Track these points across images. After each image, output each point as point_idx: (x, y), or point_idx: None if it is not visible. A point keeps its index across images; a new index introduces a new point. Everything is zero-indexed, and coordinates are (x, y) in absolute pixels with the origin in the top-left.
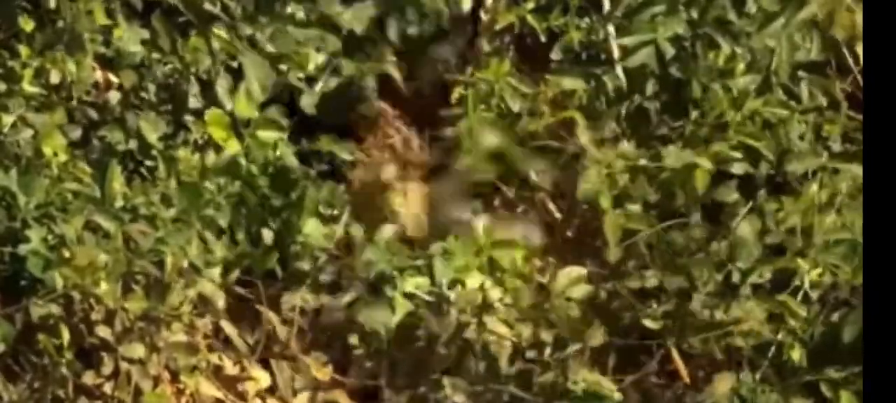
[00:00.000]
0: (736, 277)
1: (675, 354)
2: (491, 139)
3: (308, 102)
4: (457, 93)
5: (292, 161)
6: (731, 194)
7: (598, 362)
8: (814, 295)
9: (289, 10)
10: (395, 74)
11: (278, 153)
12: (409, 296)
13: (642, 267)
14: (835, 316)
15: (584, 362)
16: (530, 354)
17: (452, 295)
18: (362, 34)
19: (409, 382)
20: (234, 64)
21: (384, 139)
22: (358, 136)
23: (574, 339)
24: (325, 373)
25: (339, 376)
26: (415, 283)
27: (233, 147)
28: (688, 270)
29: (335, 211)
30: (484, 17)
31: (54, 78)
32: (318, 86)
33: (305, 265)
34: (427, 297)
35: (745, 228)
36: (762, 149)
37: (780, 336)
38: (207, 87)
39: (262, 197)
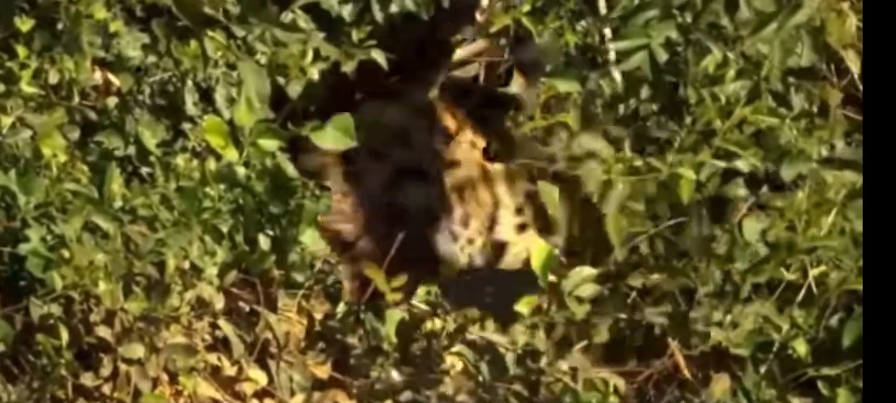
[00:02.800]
0: (737, 277)
1: (678, 354)
2: None
3: (295, 90)
4: None
5: (291, 170)
6: (738, 190)
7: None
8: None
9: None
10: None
11: (276, 161)
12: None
13: (644, 266)
14: (834, 320)
15: (592, 361)
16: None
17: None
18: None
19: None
20: (234, 73)
21: None
22: None
23: (580, 338)
24: (324, 371)
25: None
26: None
27: (231, 154)
28: (688, 272)
29: None
30: (479, 18)
31: (53, 78)
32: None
33: (302, 275)
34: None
35: (748, 227)
36: (749, 157)
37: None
38: (206, 94)
39: (259, 203)
